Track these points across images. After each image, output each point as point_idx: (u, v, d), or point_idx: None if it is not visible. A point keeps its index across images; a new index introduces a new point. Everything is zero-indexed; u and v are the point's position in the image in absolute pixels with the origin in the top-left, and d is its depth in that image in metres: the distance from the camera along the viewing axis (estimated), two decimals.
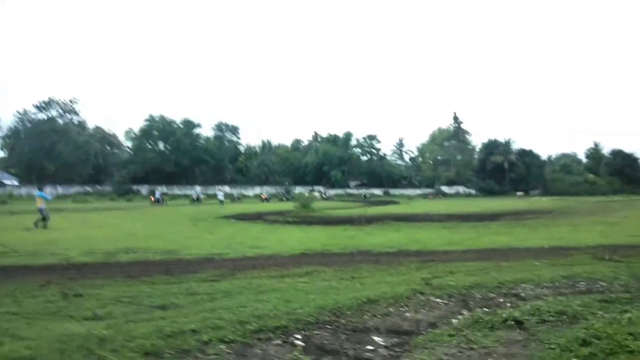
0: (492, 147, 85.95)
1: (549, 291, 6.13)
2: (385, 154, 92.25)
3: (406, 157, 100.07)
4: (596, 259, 8.61)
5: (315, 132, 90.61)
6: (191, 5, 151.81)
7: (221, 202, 37.37)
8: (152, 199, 39.91)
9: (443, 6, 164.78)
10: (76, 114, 67.81)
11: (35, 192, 19.15)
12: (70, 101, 66.29)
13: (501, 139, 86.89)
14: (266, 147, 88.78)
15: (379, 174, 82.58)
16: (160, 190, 41.50)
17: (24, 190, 53.68)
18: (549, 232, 14.66)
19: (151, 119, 69.97)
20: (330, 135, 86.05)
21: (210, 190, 60.35)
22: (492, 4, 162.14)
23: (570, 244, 11.45)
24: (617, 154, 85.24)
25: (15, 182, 61.73)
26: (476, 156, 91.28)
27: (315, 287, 6.16)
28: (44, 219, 16.33)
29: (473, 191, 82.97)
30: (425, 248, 10.86)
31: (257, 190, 70.60)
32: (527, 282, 6.59)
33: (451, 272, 7.41)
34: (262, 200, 49.54)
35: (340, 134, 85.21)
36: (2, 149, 68.30)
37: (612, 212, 25.77)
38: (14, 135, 63.72)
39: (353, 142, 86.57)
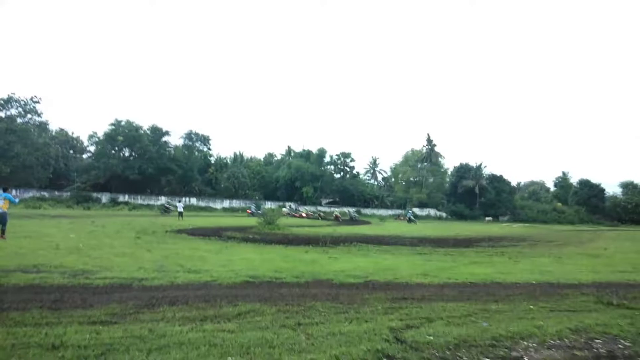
0: (463, 170, 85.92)
1: (560, 354, 4.51)
2: (358, 172, 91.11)
3: (379, 177, 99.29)
4: (602, 303, 7.08)
5: (289, 147, 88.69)
6: (168, 8, 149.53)
7: (180, 214, 34.90)
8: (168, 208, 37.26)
9: (420, 28, 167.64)
10: (37, 114, 64.02)
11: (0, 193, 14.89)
12: (32, 100, 62.56)
13: (473, 163, 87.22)
14: (237, 159, 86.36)
15: (352, 192, 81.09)
16: (169, 201, 38.52)
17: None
18: (533, 264, 13.22)
19: (117, 123, 66.57)
20: (304, 150, 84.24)
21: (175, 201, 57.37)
22: (467, 28, 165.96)
23: (561, 281, 9.99)
24: (585, 183, 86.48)
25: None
26: (448, 179, 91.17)
27: (240, 342, 4.33)
28: (2, 224, 13.90)
29: (444, 214, 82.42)
30: (395, 279, 9.15)
31: (225, 203, 68.05)
32: (528, 338, 4.98)
33: (428, 318, 5.70)
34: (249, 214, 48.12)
35: (314, 150, 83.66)
36: None
37: (587, 243, 24.90)
38: None
39: (327, 158, 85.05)
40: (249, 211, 36.23)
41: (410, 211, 50.44)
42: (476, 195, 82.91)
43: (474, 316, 6.01)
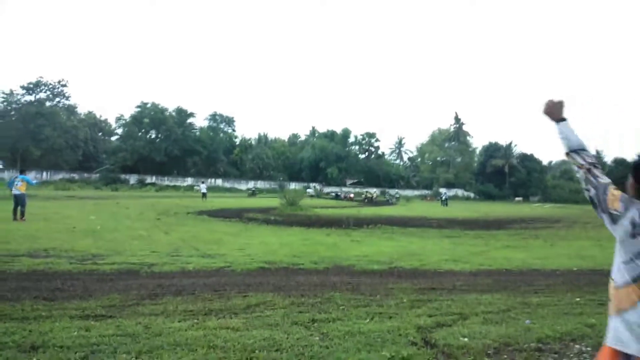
0: (492, 150, 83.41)
1: None
2: (383, 153, 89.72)
3: (405, 157, 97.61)
4: None
5: (313, 127, 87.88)
6: None
7: (203, 194, 34.80)
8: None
9: (447, 5, 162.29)
10: (65, 97, 65.08)
11: (17, 175, 14.95)
12: (60, 83, 63.52)
13: (502, 141, 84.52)
14: (262, 140, 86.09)
15: (377, 172, 79.96)
16: (204, 183, 37.72)
17: (7, 175, 50.99)
18: (571, 248, 12.29)
19: (142, 106, 67.07)
20: (328, 130, 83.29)
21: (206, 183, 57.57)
22: (496, 4, 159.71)
23: (605, 267, 9.03)
24: (620, 162, 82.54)
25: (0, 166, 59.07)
26: (476, 159, 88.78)
27: (244, 343, 3.76)
28: (21, 206, 13.83)
29: (472, 194, 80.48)
30: (423, 265, 8.46)
31: (250, 184, 68.02)
32: (580, 340, 4.27)
33: (462, 314, 5.01)
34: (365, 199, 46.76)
35: (339, 130, 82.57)
36: None
37: None
38: (0, 117, 60.96)
39: (351, 139, 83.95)
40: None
41: (445, 193, 48.94)
42: (505, 175, 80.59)
43: (514, 311, 5.29)
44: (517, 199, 72.81)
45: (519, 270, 8.52)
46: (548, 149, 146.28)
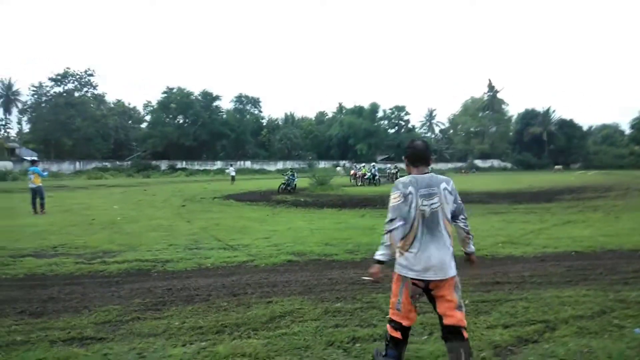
0: (529, 117, 79.68)
1: None
2: (414, 126, 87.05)
3: (436, 129, 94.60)
4: None
5: (340, 104, 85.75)
6: None
7: (232, 178, 34.22)
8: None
9: None
10: (93, 86, 65.50)
11: (29, 167, 14.70)
12: (87, 73, 63.87)
13: (539, 108, 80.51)
14: (289, 119, 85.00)
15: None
16: (233, 166, 37.04)
17: (41, 166, 51.97)
18: (637, 221, 10.79)
19: (169, 91, 66.98)
20: (355, 106, 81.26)
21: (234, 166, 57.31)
22: None
23: None
24: None
25: (35, 158, 60.38)
26: (512, 127, 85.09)
27: None
28: (40, 198, 13.46)
29: (509, 165, 77.43)
30: (477, 251, 7.18)
31: (279, 165, 67.35)
32: None
33: (546, 321, 3.87)
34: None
35: (366, 105, 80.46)
36: (20, 124, 67.14)
37: None
38: (32, 110, 62.06)
39: (380, 113, 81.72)
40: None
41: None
42: (544, 143, 77.06)
43: (612, 314, 4.10)
44: (556, 167, 69.41)
45: (591, 251, 7.22)
46: (588, 113, 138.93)
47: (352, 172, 32.74)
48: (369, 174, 30.78)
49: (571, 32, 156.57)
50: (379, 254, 2.75)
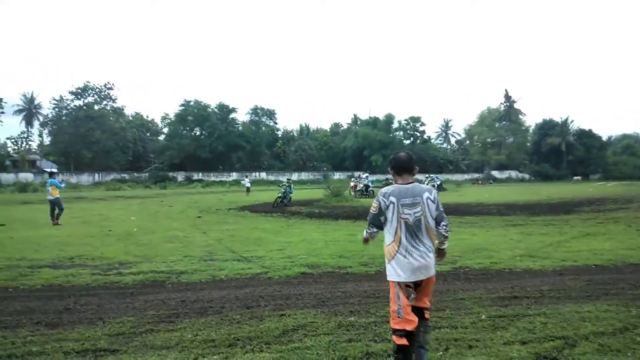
0: (547, 127, 78.62)
1: None
2: (429, 137, 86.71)
3: (452, 140, 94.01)
4: None
5: (355, 115, 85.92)
6: None
7: (247, 189, 34.42)
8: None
9: None
10: (112, 99, 66.84)
11: (47, 179, 14.78)
12: (106, 86, 65.25)
13: (558, 118, 79.44)
14: (304, 131, 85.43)
15: (423, 158, 77.27)
16: (248, 178, 37.30)
17: (60, 178, 53.03)
18: None
19: (186, 104, 68.07)
20: (370, 117, 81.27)
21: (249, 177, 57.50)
22: None
23: None
24: None
25: (55, 170, 61.66)
26: (530, 138, 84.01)
27: None
28: (59, 209, 13.73)
29: (526, 176, 76.33)
30: (493, 264, 7.12)
31: (294, 176, 67.61)
32: None
33: (565, 338, 3.76)
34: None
35: (381, 116, 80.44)
36: (41, 136, 68.73)
37: None
38: (53, 123, 63.49)
39: (395, 124, 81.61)
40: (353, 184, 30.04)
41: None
42: (562, 154, 75.89)
43: (634, 331, 3.97)
44: (575, 178, 68.24)
45: (612, 265, 7.03)
46: (607, 123, 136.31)
47: (351, 184, 31.58)
48: (361, 185, 29.71)
49: (590, 41, 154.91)
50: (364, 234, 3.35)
